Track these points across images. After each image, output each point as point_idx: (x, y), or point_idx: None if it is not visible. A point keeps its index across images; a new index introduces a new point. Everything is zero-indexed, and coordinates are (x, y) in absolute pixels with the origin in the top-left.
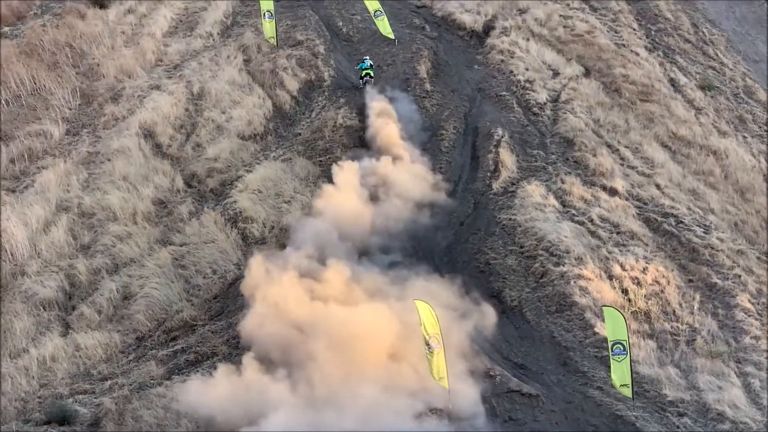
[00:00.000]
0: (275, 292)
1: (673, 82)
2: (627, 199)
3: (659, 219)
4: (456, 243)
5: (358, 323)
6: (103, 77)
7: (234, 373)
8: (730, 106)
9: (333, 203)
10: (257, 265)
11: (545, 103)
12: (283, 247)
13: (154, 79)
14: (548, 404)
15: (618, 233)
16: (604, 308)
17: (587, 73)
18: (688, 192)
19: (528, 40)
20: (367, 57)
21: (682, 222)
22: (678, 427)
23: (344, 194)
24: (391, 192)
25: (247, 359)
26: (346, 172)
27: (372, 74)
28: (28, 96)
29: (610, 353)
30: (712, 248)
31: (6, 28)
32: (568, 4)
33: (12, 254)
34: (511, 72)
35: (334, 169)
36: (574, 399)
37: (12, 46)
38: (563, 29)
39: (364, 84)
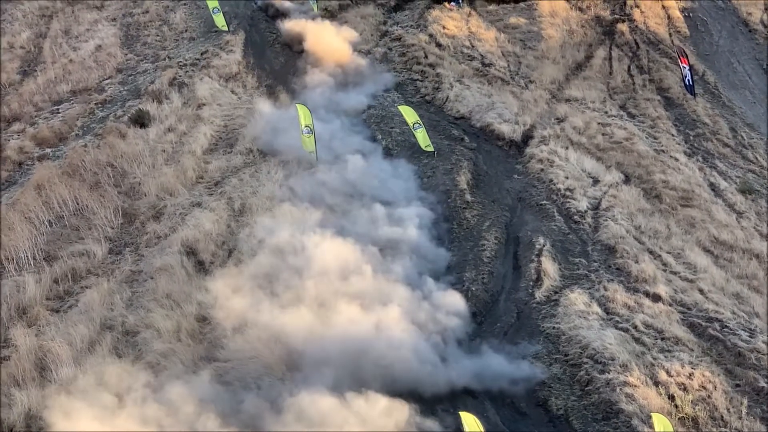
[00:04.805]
0: None
1: (713, 187)
2: (671, 305)
3: (704, 324)
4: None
5: None
6: (145, 196)
7: None
8: None
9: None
10: None
11: (586, 211)
12: None
13: (196, 196)
14: None
15: (662, 339)
16: (653, 415)
17: (627, 179)
18: (732, 296)
19: (567, 148)
20: None
21: (726, 326)
22: None
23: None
24: None
25: None
26: None
27: None
28: (71, 216)
29: None
30: (758, 352)
31: (48, 150)
32: (606, 112)
33: (57, 374)
34: (551, 180)
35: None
36: None
37: (54, 167)
38: (602, 137)
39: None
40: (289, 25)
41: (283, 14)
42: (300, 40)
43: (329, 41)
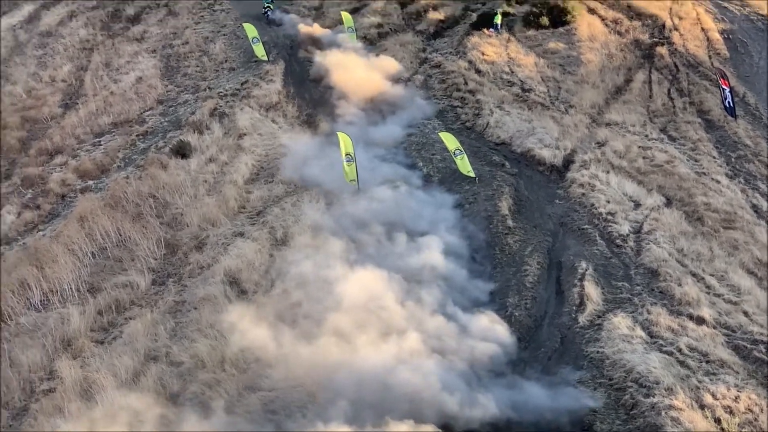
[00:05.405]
0: None
1: (755, 209)
2: (715, 328)
3: (749, 346)
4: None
5: None
6: (187, 226)
7: None
8: None
9: None
10: None
11: (628, 235)
12: None
13: (238, 226)
14: None
15: (707, 362)
16: None
17: (669, 202)
18: None
19: (608, 172)
20: None
21: None
22: None
23: None
24: None
25: None
26: None
27: (272, 6)
28: (114, 247)
29: None
30: None
31: (90, 182)
32: (646, 135)
33: (102, 406)
34: (593, 205)
35: None
36: None
37: (97, 199)
38: (642, 160)
39: (267, 16)
40: (318, 59)
41: (315, 44)
42: (325, 75)
43: (358, 74)
